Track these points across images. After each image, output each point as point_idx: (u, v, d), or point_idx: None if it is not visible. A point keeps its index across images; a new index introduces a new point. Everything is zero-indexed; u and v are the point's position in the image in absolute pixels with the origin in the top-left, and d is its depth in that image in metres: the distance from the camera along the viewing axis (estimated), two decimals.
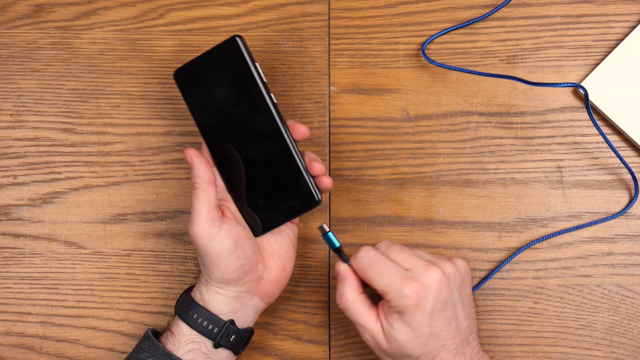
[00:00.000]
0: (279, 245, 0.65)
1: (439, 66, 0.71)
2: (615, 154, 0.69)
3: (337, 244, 0.63)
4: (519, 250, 0.70)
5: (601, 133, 0.68)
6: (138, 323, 0.72)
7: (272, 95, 0.62)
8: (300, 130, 0.63)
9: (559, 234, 0.70)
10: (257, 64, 0.62)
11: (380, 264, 0.60)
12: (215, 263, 0.61)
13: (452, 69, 0.71)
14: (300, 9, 0.74)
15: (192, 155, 0.61)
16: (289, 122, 0.63)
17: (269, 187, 0.63)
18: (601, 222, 0.70)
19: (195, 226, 0.60)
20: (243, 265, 0.61)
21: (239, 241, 0.61)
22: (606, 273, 0.70)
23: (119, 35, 0.74)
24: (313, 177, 0.63)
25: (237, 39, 0.61)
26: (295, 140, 0.63)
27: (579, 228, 0.70)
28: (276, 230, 0.65)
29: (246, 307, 0.63)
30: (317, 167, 0.62)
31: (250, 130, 0.62)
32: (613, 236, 0.71)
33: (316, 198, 0.63)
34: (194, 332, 0.61)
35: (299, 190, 0.63)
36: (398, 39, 0.73)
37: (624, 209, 0.70)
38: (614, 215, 0.70)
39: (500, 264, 0.70)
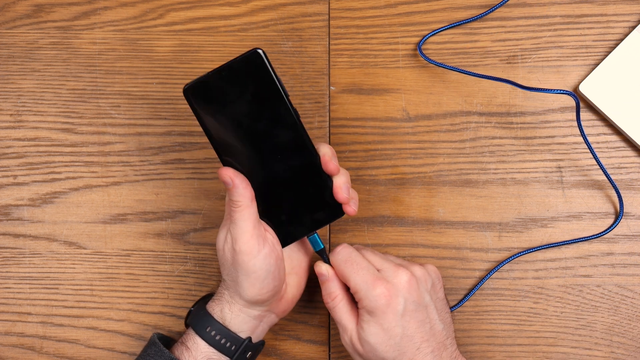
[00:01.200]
0: (299, 262, 0.65)
1: (435, 64, 0.72)
2: (600, 167, 0.69)
3: (322, 246, 0.63)
4: (499, 265, 0.70)
5: (586, 141, 0.68)
6: (138, 323, 0.72)
7: (295, 108, 0.60)
8: (328, 168, 0.61)
9: (534, 250, 0.71)
10: (279, 77, 0.60)
11: (356, 261, 0.61)
12: (252, 282, 0.60)
13: (446, 68, 0.71)
14: (300, 9, 0.74)
15: (231, 175, 0.59)
16: (322, 153, 0.61)
17: (295, 199, 0.62)
18: (582, 240, 0.70)
19: (240, 243, 0.59)
20: (276, 286, 0.61)
21: (278, 262, 0.61)
22: (606, 273, 0.70)
23: (119, 35, 0.74)
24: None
25: (261, 52, 0.58)
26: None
27: (550, 246, 0.70)
28: (295, 248, 0.65)
29: (263, 324, 0.64)
30: (340, 195, 0.61)
31: (273, 145, 0.60)
32: (613, 236, 0.71)
33: (342, 210, 0.62)
34: (211, 349, 0.61)
35: (324, 201, 0.62)
36: (398, 39, 0.73)
37: (609, 227, 0.70)
38: (599, 234, 0.70)
39: (491, 271, 0.70)
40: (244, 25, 0.74)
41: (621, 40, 0.72)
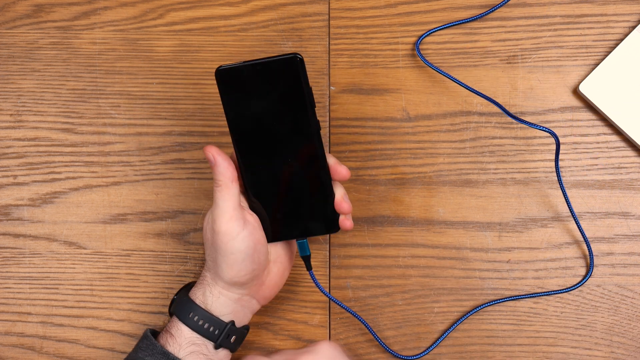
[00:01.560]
0: (284, 251, 0.65)
1: (431, 67, 0.72)
2: (574, 217, 0.70)
3: (308, 253, 0.64)
4: (464, 316, 0.71)
5: (560, 182, 0.68)
6: (138, 323, 0.72)
7: (317, 120, 0.61)
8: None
9: (502, 301, 0.70)
10: (311, 88, 0.60)
11: None
12: (230, 264, 0.60)
13: (440, 72, 0.71)
14: (300, 9, 0.74)
15: (214, 152, 0.60)
16: (331, 162, 0.62)
17: (294, 203, 0.63)
18: (551, 293, 0.70)
19: (219, 223, 0.60)
20: (254, 270, 0.61)
21: (257, 246, 0.61)
22: (606, 273, 0.70)
23: (119, 35, 0.74)
24: None
25: (300, 58, 0.59)
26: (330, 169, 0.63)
27: (521, 298, 0.70)
28: None
29: (245, 309, 0.64)
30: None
31: (288, 149, 0.61)
32: (613, 236, 0.71)
33: (338, 226, 0.63)
34: (195, 334, 0.61)
35: (323, 214, 0.63)
36: (398, 39, 0.73)
37: (580, 281, 0.70)
38: (570, 288, 0.70)
39: (448, 330, 0.71)
40: (244, 25, 0.74)
41: (621, 40, 0.72)
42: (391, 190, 0.72)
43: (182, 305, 0.62)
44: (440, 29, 0.73)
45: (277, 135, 0.61)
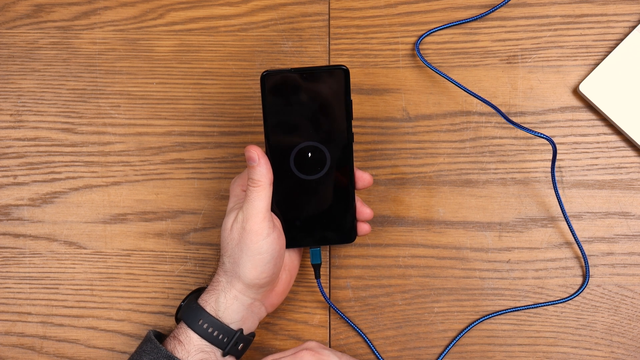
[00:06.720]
0: (291, 259, 0.66)
1: (430, 67, 0.72)
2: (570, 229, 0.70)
3: (319, 261, 0.66)
4: (469, 325, 0.71)
5: (555, 187, 0.68)
6: (138, 323, 0.72)
7: (352, 133, 0.62)
8: (366, 179, 0.64)
9: (513, 310, 0.70)
10: (351, 100, 0.62)
11: None
12: (255, 264, 0.60)
13: (439, 73, 0.71)
14: (300, 9, 0.74)
15: (259, 153, 0.61)
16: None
17: (316, 211, 0.64)
18: (549, 304, 0.70)
19: (252, 222, 0.60)
20: (274, 273, 0.62)
21: (281, 251, 0.62)
22: (606, 273, 0.70)
23: (119, 35, 0.74)
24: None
25: (347, 70, 0.61)
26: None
27: (530, 307, 0.70)
28: None
29: (254, 316, 0.64)
30: (367, 212, 0.65)
31: (320, 156, 0.62)
32: (613, 236, 0.71)
33: (354, 237, 0.65)
34: (204, 342, 0.61)
35: (343, 224, 0.64)
36: (398, 39, 0.73)
37: (576, 291, 0.70)
38: (566, 299, 0.70)
39: (451, 342, 0.71)
40: (244, 25, 0.74)
41: (621, 40, 0.72)
42: (391, 190, 0.72)
43: (191, 312, 0.62)
44: (440, 29, 0.73)
45: (315, 143, 0.62)
